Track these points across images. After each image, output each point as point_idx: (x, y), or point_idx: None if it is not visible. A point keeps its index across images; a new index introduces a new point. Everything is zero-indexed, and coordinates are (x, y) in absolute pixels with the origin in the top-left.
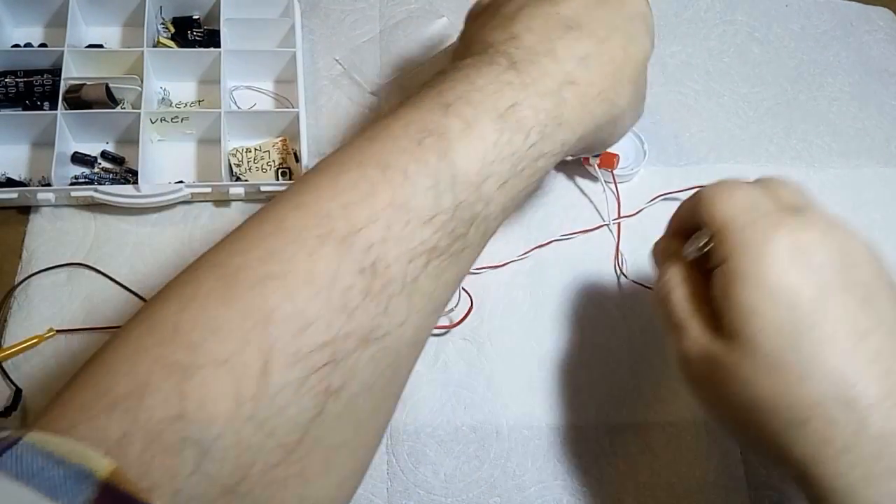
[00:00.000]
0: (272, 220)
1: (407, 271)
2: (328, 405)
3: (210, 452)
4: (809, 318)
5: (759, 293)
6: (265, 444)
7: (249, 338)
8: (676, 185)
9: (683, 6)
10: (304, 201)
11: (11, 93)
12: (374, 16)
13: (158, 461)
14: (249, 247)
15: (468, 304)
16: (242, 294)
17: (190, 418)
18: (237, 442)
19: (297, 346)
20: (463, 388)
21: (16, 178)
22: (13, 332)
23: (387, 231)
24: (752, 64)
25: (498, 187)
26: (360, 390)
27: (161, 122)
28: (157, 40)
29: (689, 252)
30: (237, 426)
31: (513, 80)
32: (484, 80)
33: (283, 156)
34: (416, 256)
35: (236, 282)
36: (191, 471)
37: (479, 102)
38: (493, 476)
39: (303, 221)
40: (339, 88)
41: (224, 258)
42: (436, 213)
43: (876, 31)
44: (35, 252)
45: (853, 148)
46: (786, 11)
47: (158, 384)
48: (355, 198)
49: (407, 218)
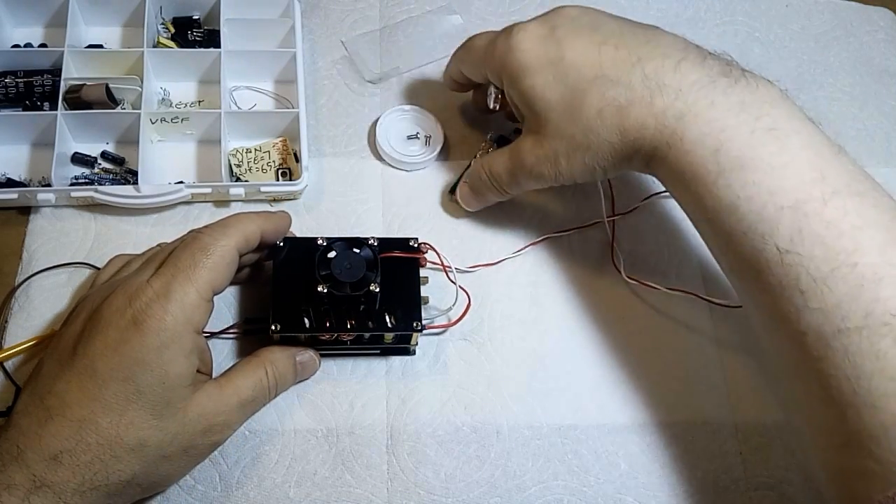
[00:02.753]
0: None
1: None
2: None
3: None
4: (564, 71)
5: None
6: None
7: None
8: None
9: (683, 6)
10: None
11: (11, 93)
12: (374, 16)
13: None
14: None
15: (465, 302)
16: None
17: None
18: None
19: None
20: (463, 388)
21: (16, 178)
22: (14, 333)
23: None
24: (752, 64)
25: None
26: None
27: (161, 122)
28: (157, 40)
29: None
30: None
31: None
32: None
33: (283, 156)
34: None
35: None
36: None
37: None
38: (494, 476)
39: None
40: (339, 88)
41: None
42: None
43: (876, 32)
44: (35, 252)
45: (853, 148)
46: (786, 12)
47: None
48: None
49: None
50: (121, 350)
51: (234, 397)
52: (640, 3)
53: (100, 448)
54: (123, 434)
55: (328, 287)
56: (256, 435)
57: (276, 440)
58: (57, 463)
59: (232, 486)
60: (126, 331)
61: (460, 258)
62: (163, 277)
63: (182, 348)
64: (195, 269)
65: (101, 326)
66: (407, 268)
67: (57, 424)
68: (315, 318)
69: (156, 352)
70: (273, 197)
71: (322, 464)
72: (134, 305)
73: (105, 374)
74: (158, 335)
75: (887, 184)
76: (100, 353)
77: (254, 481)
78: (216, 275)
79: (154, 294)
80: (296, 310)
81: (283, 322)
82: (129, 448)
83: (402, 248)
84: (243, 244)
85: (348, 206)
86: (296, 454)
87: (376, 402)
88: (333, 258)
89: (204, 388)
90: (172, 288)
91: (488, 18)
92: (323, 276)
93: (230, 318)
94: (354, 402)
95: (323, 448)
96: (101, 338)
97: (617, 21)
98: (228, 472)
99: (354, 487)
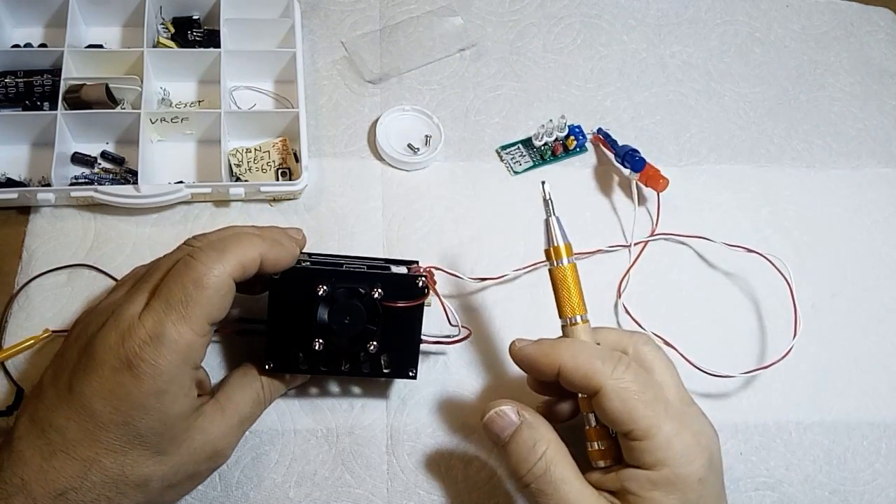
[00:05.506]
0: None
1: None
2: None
3: None
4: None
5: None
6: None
7: None
8: (676, 185)
9: (684, 6)
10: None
11: (11, 93)
12: (374, 16)
13: None
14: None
15: (465, 334)
16: None
17: None
18: None
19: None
20: (463, 388)
21: (16, 178)
22: (14, 333)
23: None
24: (752, 64)
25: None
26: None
27: (161, 122)
28: (157, 40)
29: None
30: None
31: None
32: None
33: (283, 156)
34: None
35: None
36: None
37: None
38: (495, 476)
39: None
40: (338, 88)
41: None
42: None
43: (876, 32)
44: (35, 252)
45: (854, 148)
46: (786, 12)
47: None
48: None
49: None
50: (117, 394)
51: (235, 417)
52: (641, 4)
53: (104, 486)
54: (129, 472)
55: (323, 344)
56: (256, 435)
57: (276, 440)
58: (64, 499)
59: (232, 486)
60: (120, 374)
61: (460, 261)
62: (154, 315)
63: (181, 388)
64: (188, 307)
65: (94, 365)
66: (409, 312)
67: (61, 461)
68: (309, 357)
69: (154, 397)
70: (273, 197)
71: (322, 464)
72: (126, 347)
73: (104, 416)
74: (154, 381)
75: (888, 184)
76: (96, 394)
77: (254, 481)
78: (211, 309)
79: (146, 336)
80: (291, 349)
81: (276, 360)
82: (134, 484)
83: (408, 287)
84: (240, 273)
85: (348, 206)
86: (296, 454)
87: (376, 402)
88: (332, 310)
89: (206, 413)
90: (166, 329)
91: (488, 18)
92: (320, 329)
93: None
94: (354, 402)
95: (323, 448)
96: (96, 377)
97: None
98: (228, 472)
99: (354, 487)
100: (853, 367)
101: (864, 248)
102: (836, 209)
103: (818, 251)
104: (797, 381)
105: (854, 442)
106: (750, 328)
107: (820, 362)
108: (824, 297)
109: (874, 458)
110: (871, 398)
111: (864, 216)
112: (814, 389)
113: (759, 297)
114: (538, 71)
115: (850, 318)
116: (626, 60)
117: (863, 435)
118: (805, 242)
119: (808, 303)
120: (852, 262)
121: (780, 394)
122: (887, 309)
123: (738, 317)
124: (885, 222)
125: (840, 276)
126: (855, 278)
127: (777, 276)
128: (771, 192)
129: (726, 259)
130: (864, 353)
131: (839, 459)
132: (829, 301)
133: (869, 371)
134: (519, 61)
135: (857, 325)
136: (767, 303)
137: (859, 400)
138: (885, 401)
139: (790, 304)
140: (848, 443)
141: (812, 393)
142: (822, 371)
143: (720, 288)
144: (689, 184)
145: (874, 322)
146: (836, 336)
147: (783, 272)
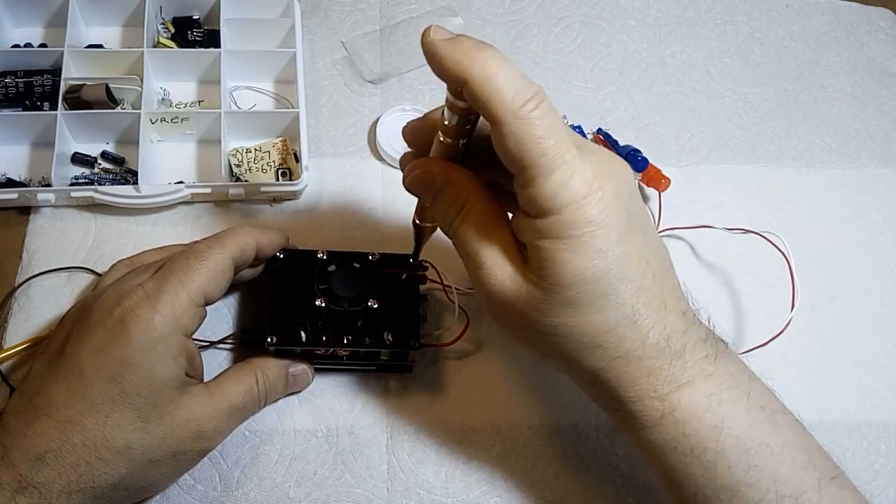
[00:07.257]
0: None
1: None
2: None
3: None
4: (615, 265)
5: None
6: None
7: None
8: (676, 185)
9: (684, 7)
10: None
11: (11, 93)
12: (374, 16)
13: None
14: None
15: (464, 321)
16: None
17: None
18: None
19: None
20: (463, 387)
21: (16, 178)
22: (14, 333)
23: None
24: (752, 64)
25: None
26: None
27: (161, 122)
28: (157, 40)
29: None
30: None
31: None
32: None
33: (283, 156)
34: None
35: None
36: None
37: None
38: (494, 476)
39: None
40: (338, 88)
41: None
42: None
43: (876, 32)
44: (35, 253)
45: (853, 148)
46: (786, 12)
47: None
48: None
49: None
50: (107, 350)
51: (224, 403)
52: (641, 4)
53: (85, 449)
54: (109, 436)
55: (326, 301)
56: (256, 435)
57: (276, 440)
58: (42, 463)
59: (232, 485)
60: (113, 330)
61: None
62: (155, 280)
63: (169, 350)
64: (188, 273)
65: (90, 325)
66: (408, 285)
67: (43, 424)
68: (311, 331)
69: (142, 352)
70: (273, 196)
71: (322, 464)
72: (123, 305)
73: (91, 374)
74: (145, 335)
75: (887, 184)
76: (87, 353)
77: (254, 481)
78: (209, 281)
79: (144, 295)
80: (292, 323)
81: (279, 335)
82: (115, 450)
83: (404, 265)
84: (238, 254)
85: (348, 206)
86: (296, 454)
87: (376, 402)
88: (333, 272)
89: (193, 392)
90: (163, 289)
91: (488, 18)
92: (321, 290)
93: (226, 329)
94: (354, 402)
95: (323, 448)
96: (89, 337)
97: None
98: (228, 472)
99: (354, 487)
100: (853, 367)
101: (864, 248)
102: (836, 209)
103: (818, 251)
104: (797, 381)
105: (854, 442)
106: (754, 320)
107: (820, 362)
108: (824, 297)
109: (874, 458)
110: (871, 398)
111: (864, 216)
112: (814, 389)
113: (758, 294)
114: (538, 71)
115: (850, 318)
116: (626, 60)
117: (862, 435)
118: (805, 242)
119: (808, 303)
120: (852, 262)
121: (779, 394)
122: (887, 309)
123: (740, 312)
124: (885, 222)
125: (840, 276)
126: (855, 278)
127: (778, 266)
128: (771, 192)
129: (727, 255)
130: (864, 353)
131: (838, 459)
132: (829, 301)
133: (869, 371)
134: (519, 61)
135: (857, 325)
136: (769, 303)
137: (859, 400)
138: (884, 401)
139: (790, 302)
140: (847, 443)
141: (812, 393)
142: (822, 371)
143: (720, 284)
144: (689, 184)
145: (874, 322)
146: (837, 336)
147: (779, 246)
